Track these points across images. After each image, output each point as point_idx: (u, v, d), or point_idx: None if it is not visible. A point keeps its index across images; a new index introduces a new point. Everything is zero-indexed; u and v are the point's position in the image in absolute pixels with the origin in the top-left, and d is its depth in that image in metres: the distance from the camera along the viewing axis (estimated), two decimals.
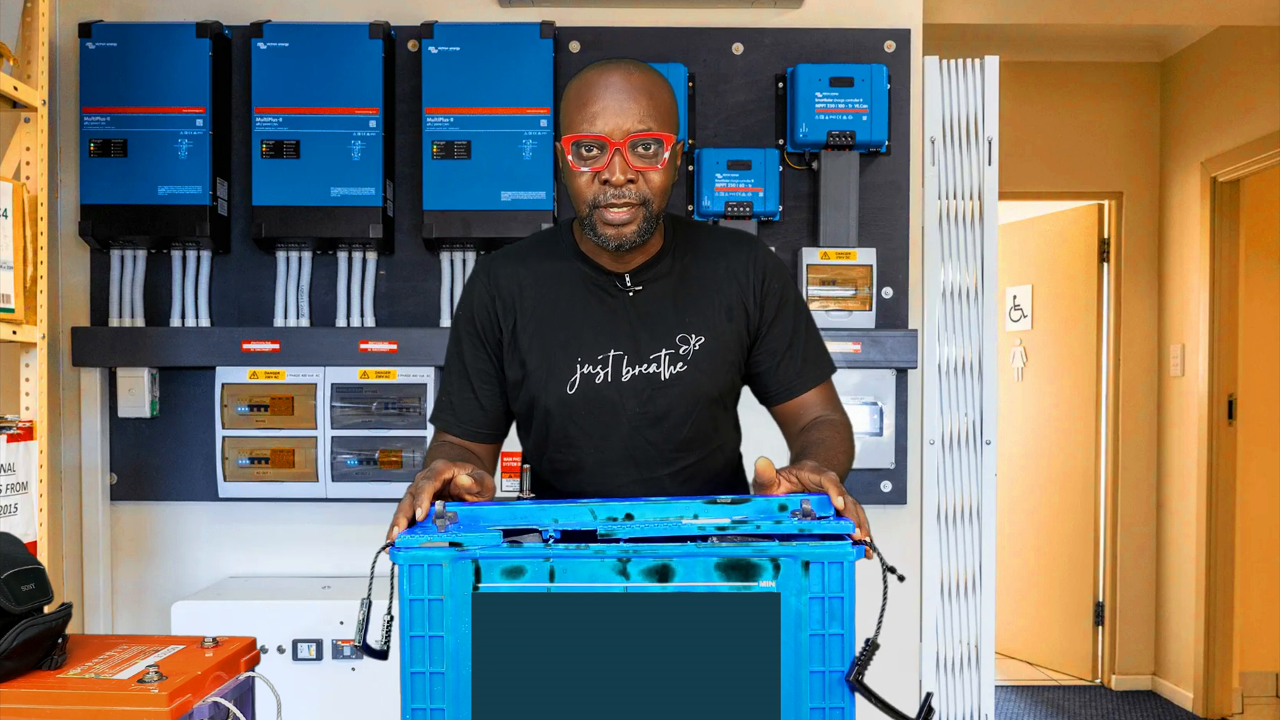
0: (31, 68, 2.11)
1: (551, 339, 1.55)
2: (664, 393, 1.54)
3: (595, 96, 1.43)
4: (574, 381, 1.53)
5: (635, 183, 1.44)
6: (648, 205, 1.46)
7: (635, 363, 1.53)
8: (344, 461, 2.65)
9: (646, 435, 1.55)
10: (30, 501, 2.04)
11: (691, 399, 1.55)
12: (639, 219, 1.45)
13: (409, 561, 1.15)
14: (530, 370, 1.55)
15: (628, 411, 1.54)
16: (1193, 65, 4.43)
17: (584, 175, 1.44)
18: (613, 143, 1.42)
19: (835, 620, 1.13)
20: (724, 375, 1.58)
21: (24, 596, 1.43)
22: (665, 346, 1.54)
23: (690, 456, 1.59)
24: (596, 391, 1.53)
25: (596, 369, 1.53)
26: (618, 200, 1.43)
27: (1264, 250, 4.41)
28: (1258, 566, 4.39)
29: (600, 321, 1.54)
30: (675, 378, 1.54)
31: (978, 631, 2.74)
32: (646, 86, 1.45)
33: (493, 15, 2.74)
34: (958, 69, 2.75)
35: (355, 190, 2.59)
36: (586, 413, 1.55)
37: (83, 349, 2.64)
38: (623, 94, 1.43)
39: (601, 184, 1.44)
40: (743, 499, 1.22)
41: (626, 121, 1.42)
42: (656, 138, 1.43)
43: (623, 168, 1.42)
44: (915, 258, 2.78)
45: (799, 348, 1.61)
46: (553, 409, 1.55)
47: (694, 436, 1.58)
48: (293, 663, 2.46)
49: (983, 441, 2.74)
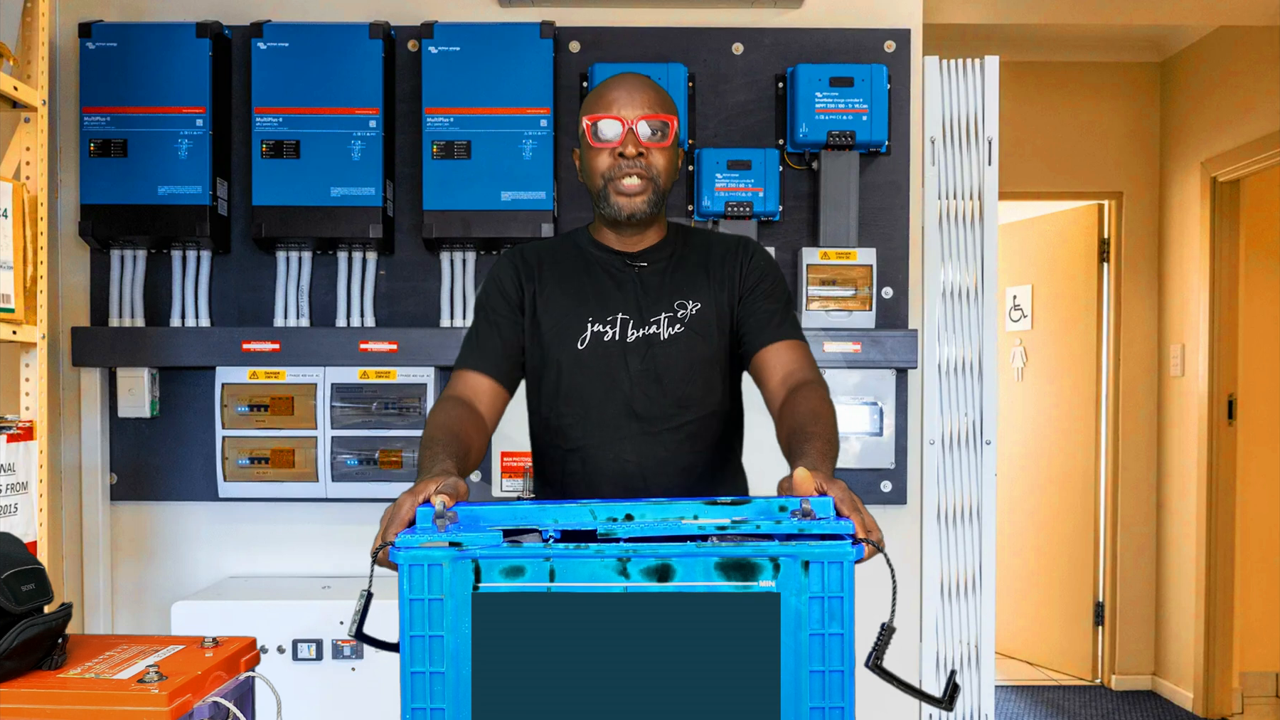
0: (31, 68, 2.11)
1: (566, 301, 1.76)
2: (663, 350, 1.73)
3: (610, 89, 1.71)
4: (585, 338, 1.74)
5: (644, 157, 1.69)
6: (655, 180, 1.70)
7: (639, 325, 1.74)
8: (344, 461, 2.65)
9: (647, 390, 1.73)
10: (30, 501, 2.04)
11: (688, 358, 1.74)
12: (649, 191, 1.70)
13: (409, 561, 1.15)
14: (545, 327, 1.76)
15: (631, 367, 1.73)
16: (1193, 65, 4.43)
17: (602, 152, 1.69)
18: (626, 122, 1.68)
19: (835, 620, 1.13)
20: (717, 338, 1.76)
21: (24, 596, 1.43)
22: (665, 310, 1.75)
23: (688, 414, 1.75)
24: (604, 347, 1.73)
25: (605, 328, 1.74)
26: (630, 170, 1.68)
27: (1264, 250, 4.41)
28: (1258, 566, 4.39)
29: (609, 290, 1.76)
30: (673, 338, 1.74)
31: (978, 631, 2.74)
32: (652, 86, 1.73)
33: (493, 15, 2.74)
34: (958, 69, 2.75)
35: (355, 190, 2.59)
36: (594, 365, 1.73)
37: (83, 349, 2.64)
38: (634, 88, 1.71)
39: (616, 158, 1.68)
40: (743, 499, 1.22)
41: (637, 108, 1.69)
42: (662, 119, 1.69)
43: (635, 142, 1.68)
44: (915, 258, 2.78)
45: (777, 307, 1.77)
46: (565, 361, 1.74)
47: (690, 393, 1.74)
48: (293, 663, 2.46)
49: (983, 441, 2.74)
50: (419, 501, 1.28)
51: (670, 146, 1.71)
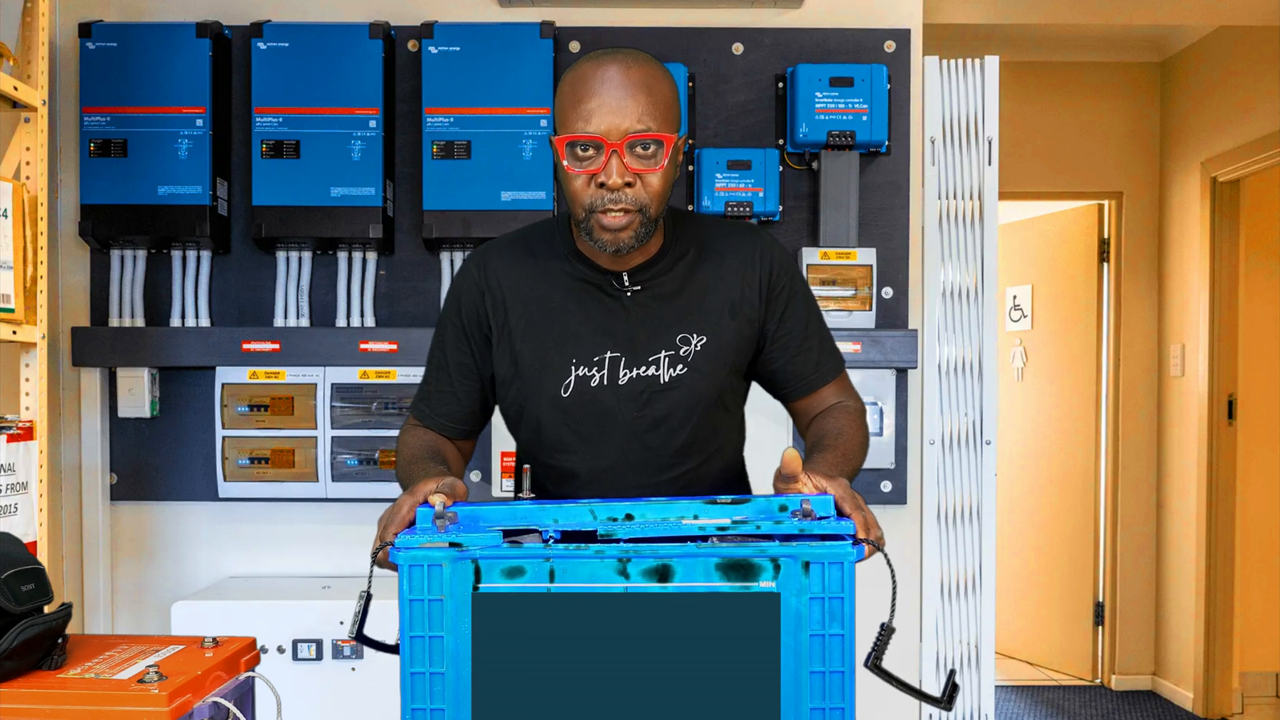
0: (31, 68, 2.11)
1: (545, 339, 1.49)
2: (663, 396, 1.48)
3: (591, 92, 1.35)
4: (568, 384, 1.47)
5: (633, 186, 1.36)
6: (645, 211, 1.38)
7: (633, 365, 1.47)
8: (344, 461, 2.65)
9: (644, 440, 1.49)
10: (30, 501, 2.04)
11: (691, 402, 1.49)
12: (636, 224, 1.38)
13: (409, 561, 1.15)
14: (522, 370, 1.50)
15: (624, 416, 1.48)
16: (1193, 65, 4.43)
17: (579, 178, 1.37)
18: (609, 144, 1.34)
19: (835, 620, 1.13)
20: (726, 377, 1.52)
21: (24, 596, 1.43)
22: (665, 348, 1.47)
23: (690, 462, 1.53)
24: (592, 394, 1.48)
25: (592, 371, 1.47)
26: (614, 205, 1.36)
27: (1264, 250, 4.41)
28: (1258, 566, 4.39)
29: (597, 322, 1.48)
30: (675, 380, 1.47)
31: (978, 631, 2.74)
32: (645, 81, 1.37)
33: (493, 15, 2.74)
34: (958, 69, 2.75)
35: (355, 190, 2.59)
36: (581, 416, 1.49)
37: (83, 349, 2.64)
38: (620, 90, 1.34)
39: (598, 187, 1.36)
40: (743, 499, 1.22)
41: (624, 121, 1.34)
42: (656, 138, 1.35)
43: (620, 170, 1.35)
44: (915, 258, 2.77)
45: (814, 341, 1.56)
46: (545, 411, 1.50)
47: (694, 441, 1.52)
48: (293, 663, 2.46)
49: (983, 441, 2.74)
50: (418, 502, 1.26)
51: (667, 167, 1.37)
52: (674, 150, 1.39)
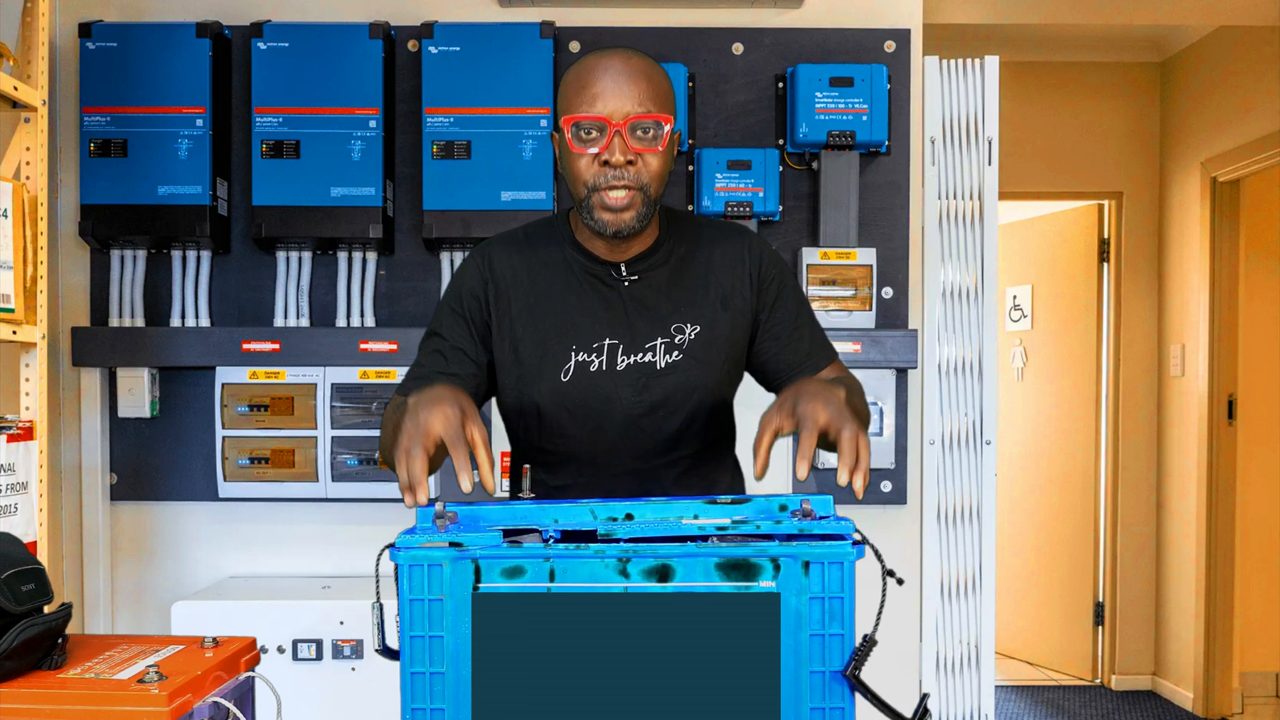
0: (31, 68, 2.11)
1: (546, 326, 1.55)
2: (659, 382, 1.54)
3: (595, 79, 1.45)
4: (568, 369, 1.53)
5: (634, 164, 1.44)
6: (645, 190, 1.46)
7: (630, 351, 1.54)
8: (344, 461, 2.65)
9: (641, 425, 1.55)
10: (30, 501, 2.04)
11: (687, 389, 1.55)
12: (637, 204, 1.46)
13: (409, 561, 1.15)
14: (523, 356, 1.55)
15: (622, 400, 1.54)
16: (1193, 65, 4.43)
17: (584, 157, 1.45)
18: (613, 124, 1.43)
19: (835, 620, 1.13)
20: (720, 366, 1.58)
21: (24, 596, 1.43)
22: (660, 336, 1.54)
23: (686, 448, 1.58)
24: (591, 380, 1.53)
25: (591, 357, 1.53)
26: (617, 182, 1.44)
27: (1264, 250, 4.41)
28: (1258, 566, 4.39)
29: (595, 310, 1.54)
30: (670, 367, 1.54)
31: (978, 631, 2.74)
32: (645, 70, 1.47)
33: (493, 15, 2.74)
34: (958, 69, 2.75)
35: (355, 190, 2.59)
36: (581, 401, 1.54)
37: (83, 349, 2.64)
38: (622, 77, 1.44)
39: (601, 165, 1.44)
40: (743, 499, 1.22)
41: (626, 104, 1.43)
42: (656, 119, 1.44)
43: (623, 149, 1.43)
44: (915, 258, 2.78)
45: (804, 331, 1.62)
46: (545, 397, 1.54)
47: (689, 427, 1.57)
48: (293, 663, 2.46)
49: (983, 441, 2.74)
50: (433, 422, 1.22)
51: (665, 149, 1.47)
52: (671, 135, 1.48)
